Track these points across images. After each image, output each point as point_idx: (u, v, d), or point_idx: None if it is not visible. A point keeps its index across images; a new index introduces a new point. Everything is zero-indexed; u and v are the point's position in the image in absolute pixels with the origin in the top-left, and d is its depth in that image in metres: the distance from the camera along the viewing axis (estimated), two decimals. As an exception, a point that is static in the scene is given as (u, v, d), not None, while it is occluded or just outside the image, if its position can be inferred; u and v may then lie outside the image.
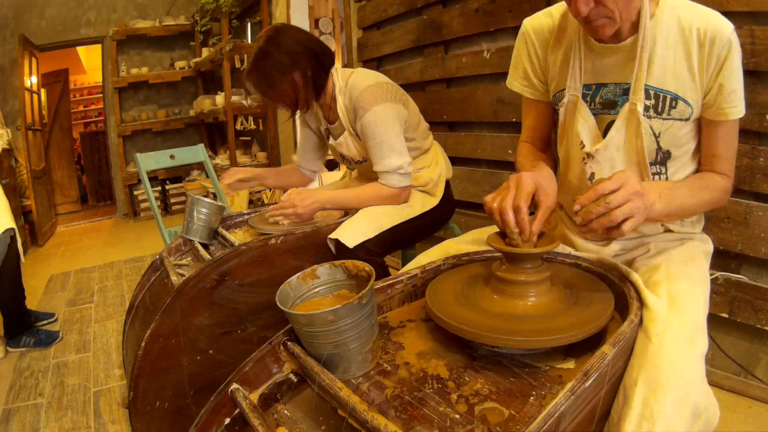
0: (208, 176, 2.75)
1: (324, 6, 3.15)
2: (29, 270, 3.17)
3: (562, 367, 0.63)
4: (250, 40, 3.98)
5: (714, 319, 1.40)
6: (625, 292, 0.72)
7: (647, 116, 0.83)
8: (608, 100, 0.87)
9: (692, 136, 0.87)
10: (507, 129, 1.92)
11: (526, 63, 0.97)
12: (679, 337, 0.64)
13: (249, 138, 4.61)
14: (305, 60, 1.30)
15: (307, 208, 1.32)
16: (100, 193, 6.15)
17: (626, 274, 0.76)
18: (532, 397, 0.57)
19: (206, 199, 1.37)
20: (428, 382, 0.61)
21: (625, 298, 0.71)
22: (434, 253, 0.98)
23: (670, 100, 0.82)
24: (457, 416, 0.55)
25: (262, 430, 0.55)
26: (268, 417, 0.62)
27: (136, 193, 4.94)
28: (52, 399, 1.70)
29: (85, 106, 6.92)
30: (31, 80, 4.29)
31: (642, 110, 0.82)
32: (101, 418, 1.56)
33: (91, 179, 6.12)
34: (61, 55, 5.35)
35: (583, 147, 0.89)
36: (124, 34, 4.81)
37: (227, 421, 0.62)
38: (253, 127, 4.07)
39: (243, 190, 1.32)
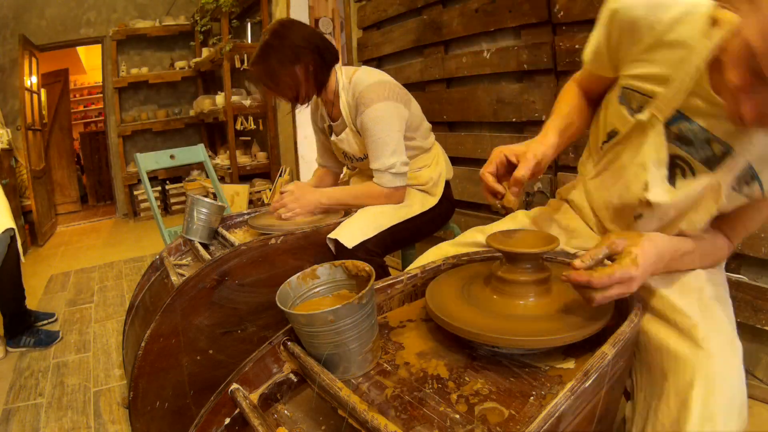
0: (208, 176, 2.75)
1: (324, 6, 3.15)
2: (29, 270, 3.17)
3: (562, 367, 0.63)
4: (250, 40, 3.98)
5: (714, 319, 1.40)
6: (625, 292, 0.72)
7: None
8: (685, 137, 0.72)
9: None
10: (507, 129, 1.91)
11: (603, 43, 0.78)
12: (723, 341, 0.66)
13: (249, 138, 4.61)
14: (308, 54, 1.32)
15: (305, 207, 1.37)
16: (100, 193, 6.15)
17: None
18: (532, 397, 0.57)
19: (206, 199, 1.37)
20: (428, 382, 0.61)
21: (625, 298, 0.71)
22: (431, 256, 0.97)
23: (749, 177, 0.71)
24: (457, 416, 0.55)
25: (262, 430, 0.55)
26: (268, 417, 0.62)
27: (136, 193, 4.94)
28: (52, 399, 1.70)
29: (85, 106, 6.92)
30: (31, 80, 4.29)
31: (724, 196, 0.70)
32: (101, 418, 1.56)
33: (91, 179, 6.13)
34: (61, 55, 5.35)
35: (647, 188, 0.74)
36: (124, 34, 4.81)
37: (227, 421, 0.62)
38: (253, 127, 4.07)
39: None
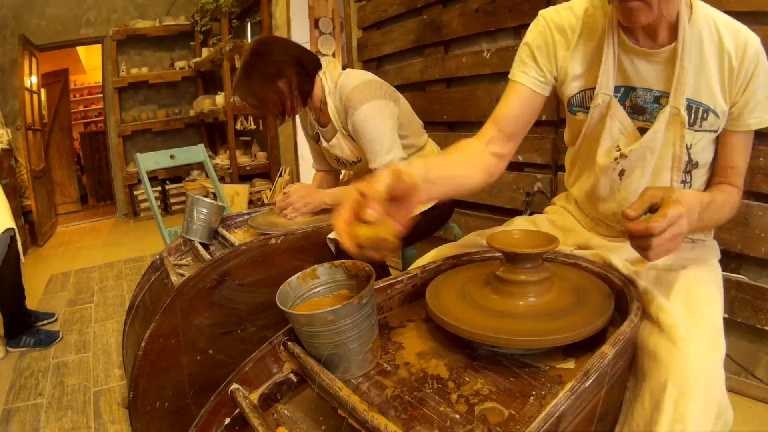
0: (208, 176, 2.75)
1: (324, 6, 3.15)
2: (29, 270, 3.16)
3: (562, 367, 0.63)
4: (250, 40, 3.98)
5: (714, 319, 1.41)
6: (625, 292, 0.72)
7: None
8: (638, 106, 0.84)
9: (714, 147, 0.87)
10: (507, 129, 1.91)
11: (541, 56, 0.90)
12: (703, 341, 0.65)
13: (249, 138, 4.61)
14: (290, 67, 1.33)
15: (310, 207, 1.39)
16: (100, 193, 6.15)
17: (630, 279, 0.76)
18: (532, 397, 0.57)
19: (206, 199, 1.37)
20: (428, 382, 0.61)
21: (625, 298, 0.71)
22: (431, 256, 0.97)
23: (702, 112, 0.81)
24: (457, 416, 0.55)
25: (262, 430, 0.55)
26: (268, 417, 0.62)
27: (136, 193, 4.94)
28: (52, 399, 1.70)
29: (85, 106, 6.93)
30: (31, 80, 4.29)
31: (686, 115, 0.80)
32: (101, 418, 1.56)
33: (91, 179, 6.13)
34: (61, 55, 5.35)
35: (619, 148, 0.86)
36: (124, 34, 4.81)
37: (227, 421, 0.62)
38: (253, 127, 4.07)
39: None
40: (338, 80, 1.40)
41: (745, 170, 0.87)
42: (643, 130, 0.84)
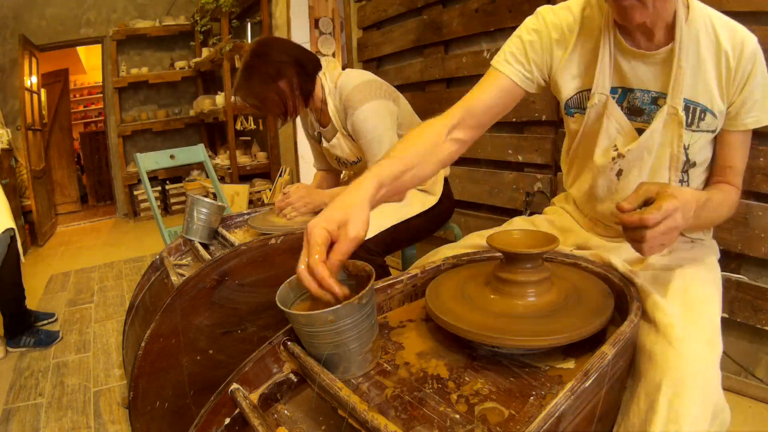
0: (208, 176, 2.75)
1: (324, 6, 3.15)
2: (29, 270, 3.17)
3: (562, 367, 0.63)
4: (250, 40, 3.98)
5: (714, 319, 1.41)
6: (625, 292, 0.72)
7: None
8: (635, 107, 0.85)
9: (711, 146, 0.87)
10: (507, 129, 1.91)
11: (534, 52, 0.89)
12: (700, 340, 0.64)
13: (249, 138, 4.61)
14: (290, 68, 1.33)
15: (311, 207, 1.40)
16: (100, 193, 6.15)
17: (630, 278, 0.76)
18: (532, 397, 0.57)
19: (206, 199, 1.37)
20: (428, 382, 0.61)
21: (625, 298, 0.71)
22: (431, 257, 0.97)
23: (699, 112, 0.81)
24: (457, 416, 0.55)
25: (262, 430, 0.55)
26: (268, 417, 0.62)
27: (136, 193, 4.95)
28: (52, 399, 1.70)
29: (85, 106, 6.93)
30: (31, 80, 4.29)
31: (683, 115, 0.80)
32: (101, 418, 1.56)
33: (91, 179, 6.13)
34: (61, 55, 5.36)
35: (616, 148, 0.86)
36: (124, 34, 4.81)
37: (227, 421, 0.62)
38: (253, 127, 4.07)
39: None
40: (338, 80, 1.40)
41: (743, 169, 0.87)
42: (641, 132, 0.84)
